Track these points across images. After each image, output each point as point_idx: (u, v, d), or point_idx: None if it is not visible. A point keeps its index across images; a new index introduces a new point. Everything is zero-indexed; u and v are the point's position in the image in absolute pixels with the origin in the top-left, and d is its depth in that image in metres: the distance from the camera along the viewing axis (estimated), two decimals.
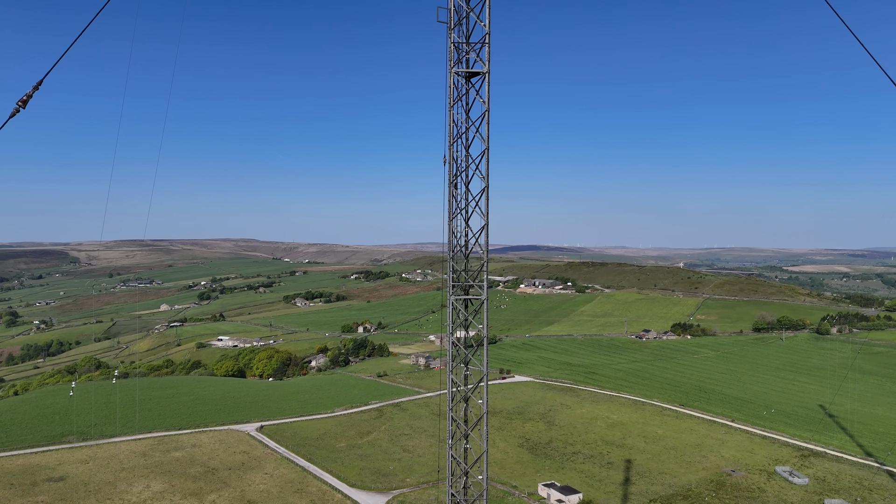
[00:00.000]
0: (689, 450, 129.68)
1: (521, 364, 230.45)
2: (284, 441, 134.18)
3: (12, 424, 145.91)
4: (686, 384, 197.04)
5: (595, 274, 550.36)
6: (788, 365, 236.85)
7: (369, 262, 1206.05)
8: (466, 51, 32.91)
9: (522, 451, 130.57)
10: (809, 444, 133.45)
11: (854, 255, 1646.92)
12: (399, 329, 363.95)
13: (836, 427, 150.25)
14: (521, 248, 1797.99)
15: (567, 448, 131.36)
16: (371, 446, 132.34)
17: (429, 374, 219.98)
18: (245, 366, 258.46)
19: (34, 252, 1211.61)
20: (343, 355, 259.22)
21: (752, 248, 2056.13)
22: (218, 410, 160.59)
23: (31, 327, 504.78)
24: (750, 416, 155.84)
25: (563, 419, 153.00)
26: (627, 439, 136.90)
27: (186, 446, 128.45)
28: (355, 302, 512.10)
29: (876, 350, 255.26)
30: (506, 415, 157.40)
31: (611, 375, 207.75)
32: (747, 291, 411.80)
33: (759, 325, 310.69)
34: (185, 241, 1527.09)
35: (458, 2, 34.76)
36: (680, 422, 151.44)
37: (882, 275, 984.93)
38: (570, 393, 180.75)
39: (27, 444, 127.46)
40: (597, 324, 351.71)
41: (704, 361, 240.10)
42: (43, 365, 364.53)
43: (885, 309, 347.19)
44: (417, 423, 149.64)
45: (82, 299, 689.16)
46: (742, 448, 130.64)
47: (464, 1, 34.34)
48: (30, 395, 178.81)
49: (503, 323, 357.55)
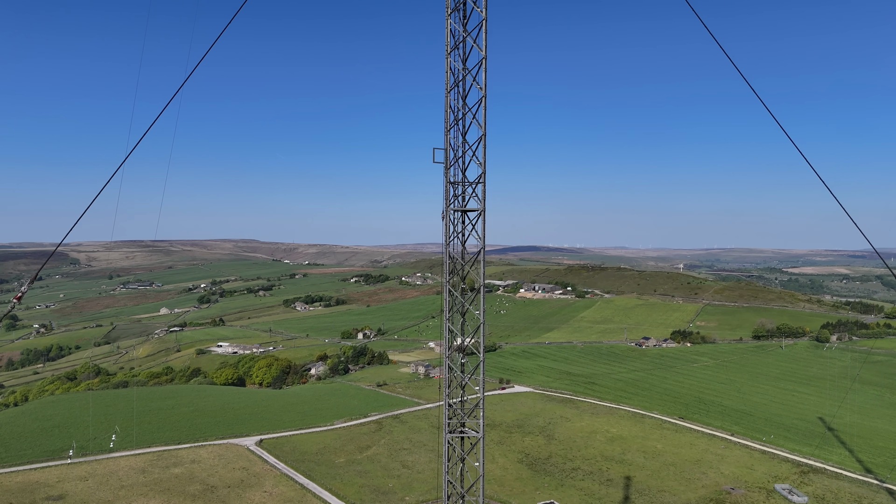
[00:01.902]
0: (689, 466, 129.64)
1: (520, 373, 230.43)
2: (284, 456, 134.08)
3: (12, 438, 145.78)
4: (686, 395, 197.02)
5: (595, 279, 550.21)
6: (788, 374, 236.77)
7: (369, 263, 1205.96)
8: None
9: (522, 466, 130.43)
10: (809, 460, 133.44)
11: (854, 256, 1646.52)
12: (399, 335, 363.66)
13: (835, 441, 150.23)
14: (521, 249, 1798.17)
15: (566, 464, 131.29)
16: (370, 462, 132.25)
17: (428, 384, 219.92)
18: (245, 374, 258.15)
19: (34, 253, 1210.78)
20: (343, 363, 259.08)
21: (751, 248, 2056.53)
22: (217, 423, 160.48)
23: (31, 331, 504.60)
24: (749, 430, 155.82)
25: (563, 433, 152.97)
26: (627, 454, 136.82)
27: (186, 462, 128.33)
28: (355, 306, 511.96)
29: (875, 359, 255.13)
30: (505, 428, 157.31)
31: (610, 386, 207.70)
32: (747, 297, 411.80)
33: (759, 333, 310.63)
34: (184, 242, 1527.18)
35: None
36: (679, 436, 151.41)
37: (882, 277, 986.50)
38: (570, 405, 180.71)
39: (27, 460, 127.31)
40: (596, 330, 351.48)
41: (704, 370, 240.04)
42: (43, 370, 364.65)
43: (885, 316, 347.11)
44: (417, 437, 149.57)
45: (82, 302, 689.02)
46: (741, 464, 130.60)
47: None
48: (29, 407, 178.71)
49: (503, 329, 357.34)
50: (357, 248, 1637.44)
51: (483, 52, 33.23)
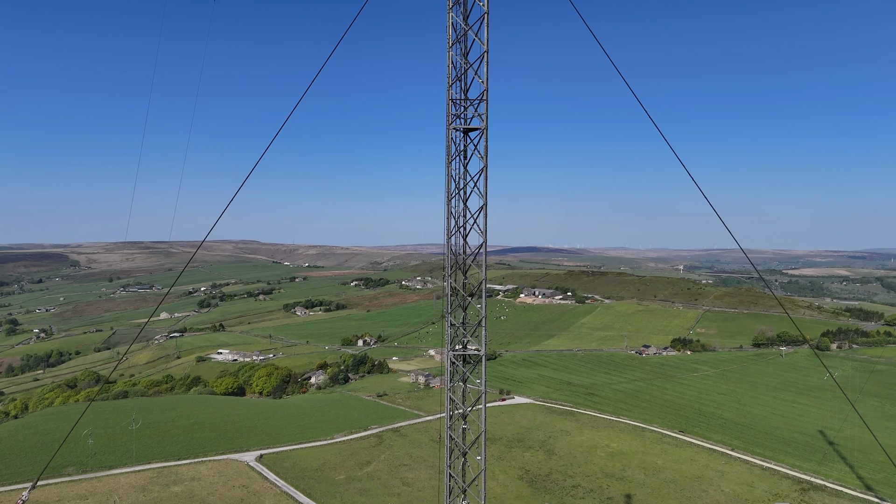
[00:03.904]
0: (689, 483, 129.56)
1: (520, 383, 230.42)
2: (284, 472, 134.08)
3: (12, 454, 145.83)
4: (686, 407, 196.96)
5: (595, 284, 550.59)
6: (788, 384, 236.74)
7: (369, 265, 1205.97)
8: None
9: (522, 484, 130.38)
10: (809, 476, 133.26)
11: (853, 257, 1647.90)
12: (399, 342, 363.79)
13: (836, 456, 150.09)
14: (521, 250, 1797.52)
15: (567, 481, 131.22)
16: (370, 479, 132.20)
17: (428, 394, 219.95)
18: (245, 382, 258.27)
19: (34, 255, 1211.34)
20: (343, 372, 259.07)
21: (752, 249, 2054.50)
22: (217, 437, 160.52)
23: (31, 336, 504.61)
24: (750, 445, 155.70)
25: (563, 447, 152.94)
26: (627, 471, 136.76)
27: (186, 479, 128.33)
28: (355, 311, 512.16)
29: (875, 368, 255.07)
30: (506, 442, 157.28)
31: (610, 397, 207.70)
32: (747, 304, 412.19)
33: (759, 341, 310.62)
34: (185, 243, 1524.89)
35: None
36: (680, 450, 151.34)
37: (882, 278, 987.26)
38: (570, 417, 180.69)
39: (27, 478, 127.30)
40: (597, 337, 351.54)
41: (704, 380, 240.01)
42: (43, 377, 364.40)
43: (885, 323, 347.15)
44: (417, 452, 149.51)
45: (82, 306, 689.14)
46: (742, 481, 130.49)
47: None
48: (29, 420, 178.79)
49: (503, 336, 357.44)
50: (357, 249, 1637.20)
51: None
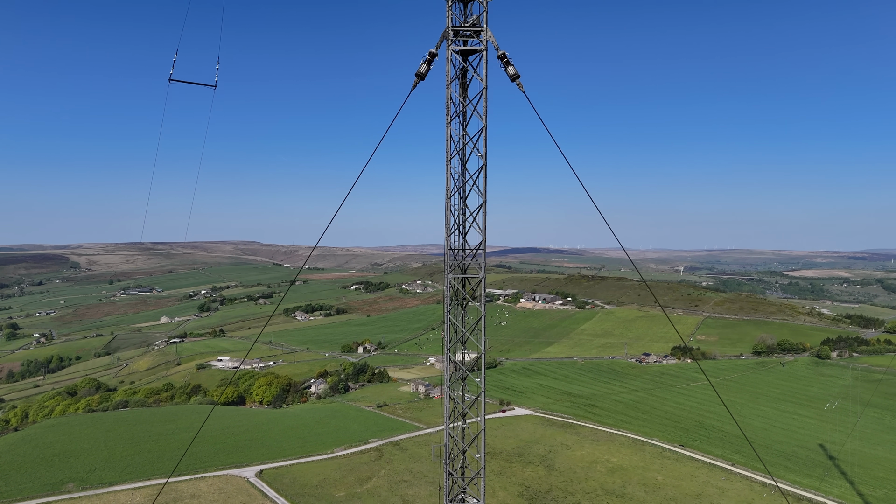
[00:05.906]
0: (690, 501, 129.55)
1: (520, 393, 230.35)
2: (283, 489, 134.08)
3: (11, 469, 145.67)
4: (686, 419, 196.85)
5: (595, 289, 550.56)
6: (789, 394, 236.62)
7: (369, 266, 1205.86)
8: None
9: (522, 501, 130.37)
10: (809, 494, 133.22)
11: (854, 258, 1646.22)
12: (399, 349, 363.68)
13: (836, 472, 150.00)
14: (521, 251, 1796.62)
15: (567, 498, 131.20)
16: (370, 496, 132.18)
17: (428, 405, 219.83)
18: (245, 392, 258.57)
19: (34, 256, 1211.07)
20: (343, 381, 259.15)
21: (752, 250, 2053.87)
22: (218, 451, 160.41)
23: (32, 341, 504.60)
24: (750, 459, 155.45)
25: (564, 462, 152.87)
26: (627, 487, 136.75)
27: (186, 496, 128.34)
28: (355, 316, 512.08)
29: (875, 377, 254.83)
30: (505, 457, 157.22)
31: (611, 409, 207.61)
32: (747, 310, 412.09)
33: (759, 349, 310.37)
34: (185, 245, 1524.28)
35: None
36: (680, 466, 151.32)
37: (882, 280, 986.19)
38: (571, 430, 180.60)
39: (26, 495, 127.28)
40: (597, 344, 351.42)
41: (704, 390, 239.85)
42: (43, 383, 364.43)
43: (885, 330, 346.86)
44: (417, 467, 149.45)
45: (82, 309, 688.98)
46: (742, 499, 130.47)
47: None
48: (29, 433, 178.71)
49: (503, 343, 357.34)
50: (357, 250, 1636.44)
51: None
